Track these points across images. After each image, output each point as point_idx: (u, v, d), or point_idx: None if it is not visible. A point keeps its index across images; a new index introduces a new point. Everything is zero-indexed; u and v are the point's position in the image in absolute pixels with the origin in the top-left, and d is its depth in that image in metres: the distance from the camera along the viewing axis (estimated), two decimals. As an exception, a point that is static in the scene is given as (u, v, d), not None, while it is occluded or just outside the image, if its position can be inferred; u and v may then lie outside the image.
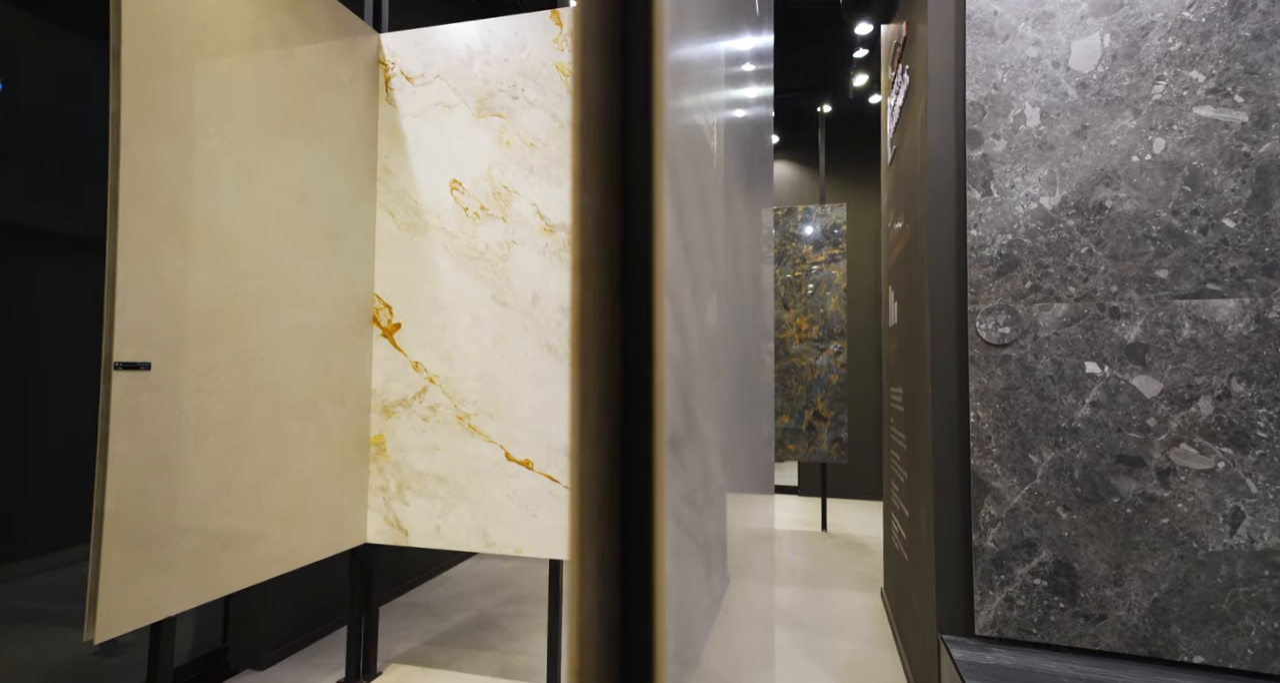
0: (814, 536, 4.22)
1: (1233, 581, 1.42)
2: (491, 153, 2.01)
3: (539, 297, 1.94)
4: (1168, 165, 1.50)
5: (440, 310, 2.02)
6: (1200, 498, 1.45)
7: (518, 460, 1.93)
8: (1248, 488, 1.42)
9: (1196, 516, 1.44)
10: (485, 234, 2.00)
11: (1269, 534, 1.41)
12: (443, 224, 2.04)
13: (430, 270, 2.04)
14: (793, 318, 4.39)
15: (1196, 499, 1.45)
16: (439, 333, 2.02)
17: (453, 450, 1.98)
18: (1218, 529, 1.43)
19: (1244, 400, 1.44)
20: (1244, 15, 1.47)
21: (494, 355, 1.96)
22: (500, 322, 1.97)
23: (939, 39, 1.68)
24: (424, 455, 2.00)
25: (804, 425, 4.32)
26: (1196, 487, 1.45)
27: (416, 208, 2.07)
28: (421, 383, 2.02)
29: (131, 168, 1.36)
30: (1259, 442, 1.42)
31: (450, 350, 2.00)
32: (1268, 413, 1.42)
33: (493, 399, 1.95)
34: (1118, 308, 1.52)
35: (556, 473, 1.89)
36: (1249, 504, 1.42)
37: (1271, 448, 1.41)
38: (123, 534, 1.34)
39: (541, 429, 1.91)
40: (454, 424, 1.98)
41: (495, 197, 2.00)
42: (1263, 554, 1.41)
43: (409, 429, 2.02)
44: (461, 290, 2.01)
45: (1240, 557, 1.42)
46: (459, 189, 2.03)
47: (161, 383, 1.41)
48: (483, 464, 1.95)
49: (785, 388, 4.35)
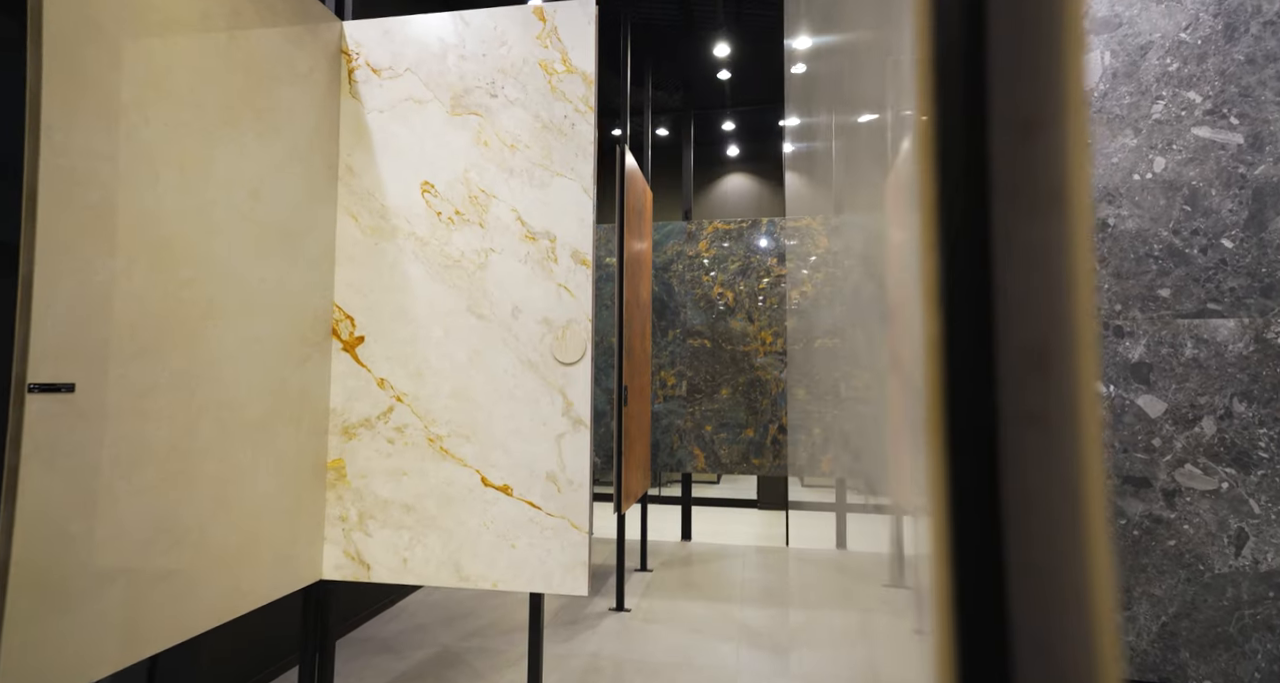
0: (777, 551, 4.17)
1: (1238, 603, 1.41)
2: (468, 154, 1.87)
3: (519, 309, 1.81)
4: (1168, 184, 1.50)
5: (409, 322, 1.86)
6: (1205, 519, 1.44)
7: (495, 486, 1.78)
8: (1251, 509, 1.42)
9: (1202, 537, 1.43)
10: (460, 241, 1.85)
11: (1272, 555, 1.40)
12: (413, 229, 1.88)
13: (398, 279, 1.87)
14: (757, 331, 4.36)
15: (1202, 520, 1.44)
16: (408, 347, 1.85)
17: (422, 476, 1.81)
18: (1223, 551, 1.42)
19: (1245, 421, 1.44)
20: (1237, 39, 1.49)
21: (469, 372, 1.81)
22: (477, 335, 1.82)
23: (940, 50, 1.65)
24: (389, 481, 1.82)
25: (768, 439, 4.28)
26: (1201, 508, 1.44)
27: (383, 211, 1.90)
28: (387, 401, 1.84)
29: (54, 159, 1.16)
30: (1260, 462, 1.42)
31: (420, 366, 1.84)
32: (1268, 433, 1.43)
33: (468, 419, 1.80)
34: (1122, 327, 1.50)
35: (538, 498, 1.75)
36: (1252, 525, 1.42)
37: (1273, 468, 1.42)
38: (35, 585, 1.13)
39: (522, 451, 1.77)
40: (424, 447, 1.81)
41: (472, 201, 1.86)
42: (1266, 576, 1.40)
43: (373, 452, 1.84)
44: (434, 301, 1.85)
45: (1245, 578, 1.41)
46: (431, 192, 1.88)
47: (87, 407, 1.21)
48: (456, 490, 1.79)
49: (750, 401, 4.31)
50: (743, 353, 4.36)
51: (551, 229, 1.81)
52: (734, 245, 4.46)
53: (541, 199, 1.82)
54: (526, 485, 1.76)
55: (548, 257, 1.81)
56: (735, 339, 4.36)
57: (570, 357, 1.76)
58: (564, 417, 1.76)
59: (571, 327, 1.77)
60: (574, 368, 1.76)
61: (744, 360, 4.36)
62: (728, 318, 4.39)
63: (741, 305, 4.40)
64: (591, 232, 1.80)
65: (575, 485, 1.74)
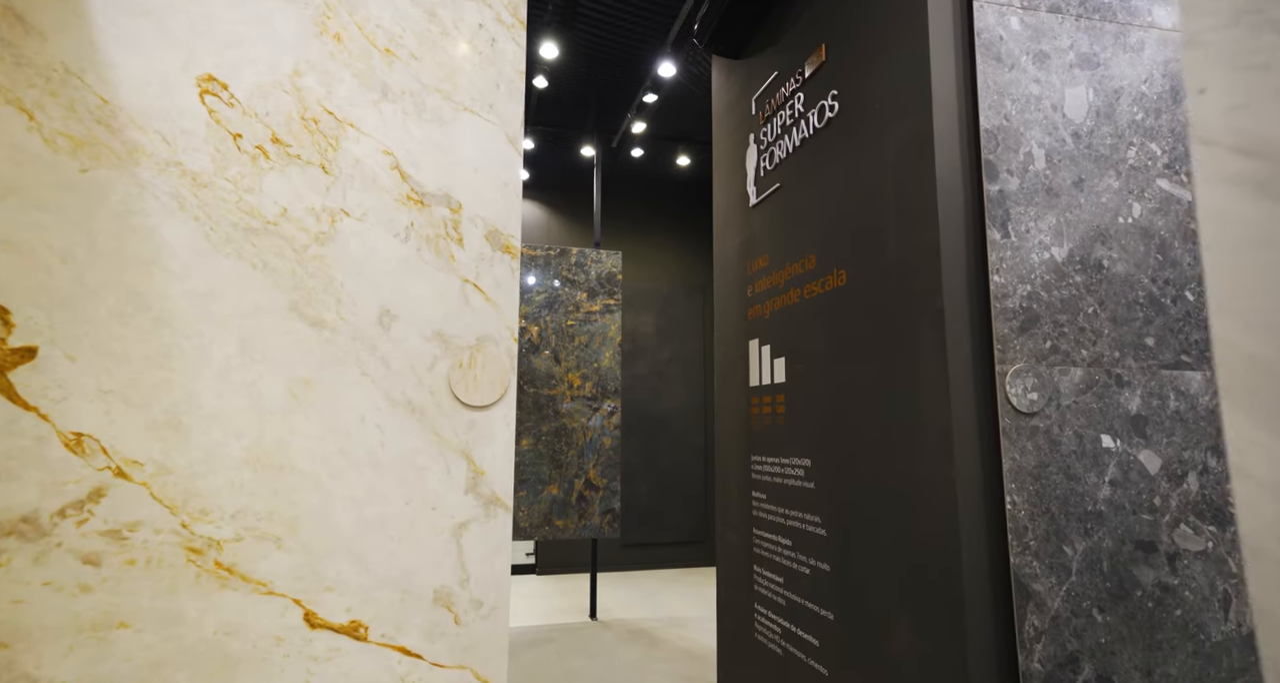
0: (584, 627, 3.61)
1: (1233, 673, 1.34)
2: (302, 46, 1.11)
3: (392, 315, 1.08)
4: (1144, 231, 1.47)
5: (156, 325, 0.99)
6: (1200, 583, 1.36)
7: (333, 626, 0.99)
8: (1230, 568, 1.38)
9: (1199, 603, 1.35)
10: (281, 190, 1.07)
11: (1249, 616, 1.37)
12: (176, 156, 1.04)
13: (134, 243, 1.00)
14: (564, 372, 3.85)
15: (1198, 584, 1.36)
16: (150, 372, 0.98)
17: (170, 623, 0.93)
18: (1215, 616, 1.35)
19: (1217, 475, 1.41)
20: (1180, 101, 1.55)
21: (289, 420, 1.01)
22: (307, 355, 1.03)
23: (941, 58, 1.44)
24: (83, 647, 0.90)
25: (574, 497, 3.76)
26: (1196, 570, 1.36)
27: (107, 112, 1.02)
28: (92, 477, 0.93)
29: None
30: (1230, 518, 1.40)
31: (177, 409, 0.98)
32: (1235, 487, 1.42)
33: (281, 507, 0.99)
34: (1121, 375, 1.40)
35: (417, 640, 1.01)
36: (1232, 585, 1.38)
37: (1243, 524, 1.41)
38: None
39: (388, 560, 1.02)
40: (178, 564, 0.94)
41: (307, 125, 1.09)
42: (1248, 639, 1.36)
43: (40, 585, 0.90)
44: (217, 290, 1.02)
45: (1234, 645, 1.35)
46: (221, 96, 1.07)
47: None
48: (249, 642, 0.95)
49: (555, 453, 3.75)
50: (547, 397, 3.81)
51: (453, 192, 1.14)
52: (541, 275, 3.95)
53: (438, 143, 1.15)
54: (395, 619, 1.01)
55: (444, 234, 1.13)
56: (539, 380, 3.80)
57: (481, 396, 1.09)
58: (468, 495, 1.07)
59: (485, 348, 1.11)
60: (487, 413, 1.09)
61: (550, 406, 3.80)
62: (531, 356, 3.81)
63: (548, 342, 3.86)
64: (519, 204, 1.17)
65: (487, 610, 1.04)
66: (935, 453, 1.35)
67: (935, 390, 1.36)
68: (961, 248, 1.38)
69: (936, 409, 1.36)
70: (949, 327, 1.35)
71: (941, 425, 1.34)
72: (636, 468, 5.37)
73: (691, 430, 5.60)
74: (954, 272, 1.37)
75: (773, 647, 2.01)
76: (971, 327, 1.36)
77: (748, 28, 2.36)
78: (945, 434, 1.33)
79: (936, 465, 1.35)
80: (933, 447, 1.36)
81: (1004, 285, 1.35)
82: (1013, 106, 1.42)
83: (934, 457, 1.36)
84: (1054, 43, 1.47)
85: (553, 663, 2.95)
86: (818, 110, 1.89)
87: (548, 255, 3.96)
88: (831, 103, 1.83)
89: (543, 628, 3.57)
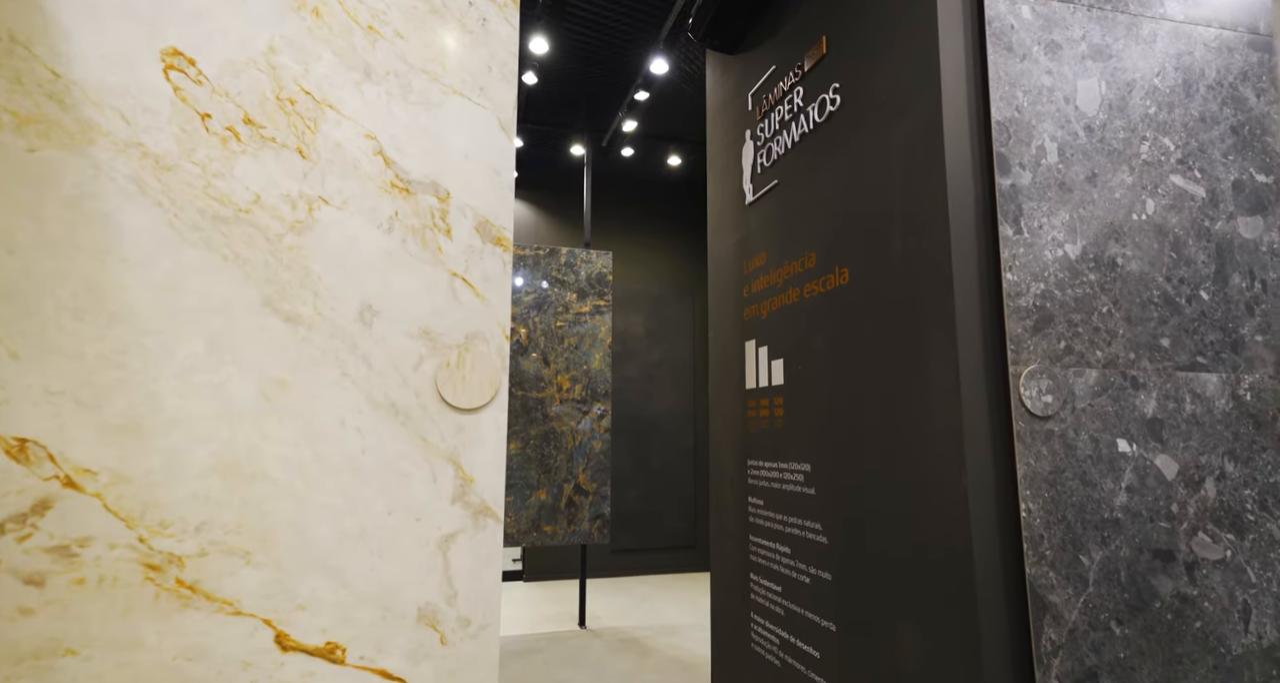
0: (573, 636, 3.52)
1: (1254, 685, 1.29)
2: (277, 20, 1.03)
3: (374, 310, 1.00)
4: (1158, 228, 1.42)
5: (112, 320, 0.91)
6: (1219, 593, 1.31)
7: (306, 648, 0.90)
8: (1249, 577, 1.33)
9: (1219, 614, 1.30)
10: (253, 175, 0.99)
11: (1269, 627, 1.33)
12: (137, 136, 0.95)
13: (88, 228, 0.92)
14: (553, 374, 3.77)
15: (1217, 595, 1.31)
16: (105, 371, 0.89)
17: (118, 647, 0.84)
18: (1235, 628, 1.30)
19: (1235, 482, 1.37)
20: (1193, 95, 1.50)
21: (261, 422, 0.93)
22: (283, 353, 0.95)
23: (951, 48, 1.39)
24: (18, 676, 0.81)
25: (563, 502, 3.67)
26: (1215, 580, 1.31)
27: (59, 87, 0.94)
28: (38, 487, 0.85)
29: None
30: (1249, 526, 1.36)
31: (135, 411, 0.89)
32: (1252, 494, 1.37)
33: (251, 516, 0.91)
34: (1136, 377, 1.35)
35: (399, 663, 0.93)
36: (1251, 595, 1.33)
37: (1259, 532, 1.36)
38: None
39: (367, 574, 0.94)
40: (134, 583, 0.86)
41: (283, 106, 1.01)
42: (1269, 651, 1.31)
43: (-15, 608, 0.81)
44: (181, 282, 0.94)
45: (1255, 657, 1.30)
46: (187, 72, 0.98)
47: None
48: (214, 667, 0.87)
49: (543, 457, 3.67)
50: (536, 400, 3.73)
51: (441, 179, 1.06)
52: (530, 275, 3.87)
53: (425, 128, 1.07)
54: (376, 640, 0.93)
55: (432, 225, 1.05)
56: (528, 383, 3.72)
57: (470, 398, 1.01)
58: (456, 504, 0.99)
59: (474, 346, 1.03)
60: (476, 416, 1.02)
61: (538, 409, 3.72)
62: (519, 357, 3.73)
63: (536, 344, 3.78)
64: (511, 194, 1.10)
65: (475, 628, 0.97)
66: (946, 458, 1.29)
67: (946, 392, 1.30)
68: (973, 244, 1.33)
69: (947, 412, 1.30)
70: (960, 326, 1.29)
71: (953, 429, 1.28)
72: (627, 472, 5.29)
73: (682, 433, 5.53)
74: (965, 269, 1.32)
75: (770, 658, 1.94)
76: (983, 326, 1.31)
77: (744, 21, 2.31)
78: (957, 438, 1.27)
79: (947, 471, 1.29)
80: (943, 451, 1.30)
81: (1017, 283, 1.29)
82: (1024, 98, 1.37)
83: (945, 462, 1.30)
84: (1066, 33, 1.42)
85: (540, 675, 2.86)
86: (818, 104, 1.84)
87: (537, 255, 3.88)
88: (833, 96, 1.77)
89: (530, 637, 3.48)
